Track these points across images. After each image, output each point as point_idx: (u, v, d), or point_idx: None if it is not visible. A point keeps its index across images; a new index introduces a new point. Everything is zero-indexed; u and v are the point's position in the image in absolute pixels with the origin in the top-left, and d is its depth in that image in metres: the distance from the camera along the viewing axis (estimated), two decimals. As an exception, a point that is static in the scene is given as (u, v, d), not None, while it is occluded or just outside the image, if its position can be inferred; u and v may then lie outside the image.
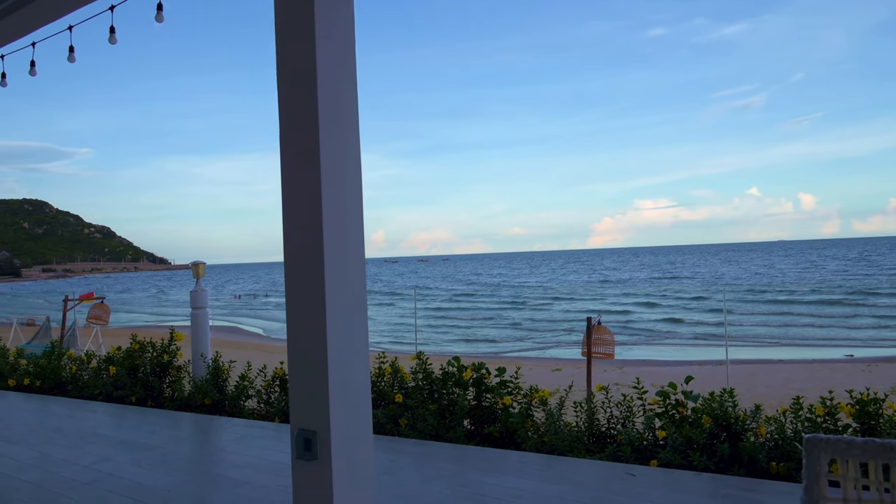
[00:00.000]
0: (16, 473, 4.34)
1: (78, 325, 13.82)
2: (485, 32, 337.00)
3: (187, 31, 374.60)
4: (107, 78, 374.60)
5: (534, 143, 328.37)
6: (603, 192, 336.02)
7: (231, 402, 6.18)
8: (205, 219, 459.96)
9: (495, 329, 29.61)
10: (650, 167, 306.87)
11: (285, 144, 3.09)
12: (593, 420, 4.62)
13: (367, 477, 3.16)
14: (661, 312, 32.52)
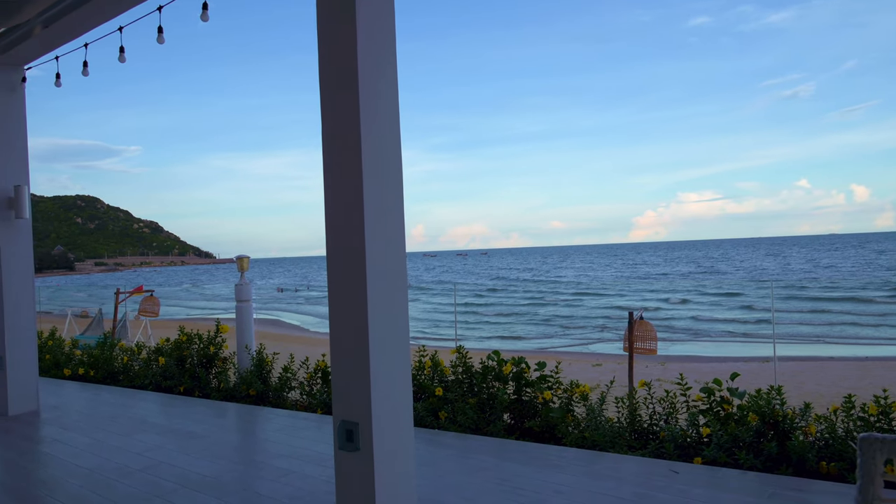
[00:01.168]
0: (72, 459, 4.53)
1: (128, 318, 14.29)
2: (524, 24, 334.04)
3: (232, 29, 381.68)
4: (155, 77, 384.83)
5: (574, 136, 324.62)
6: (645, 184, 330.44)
7: (275, 393, 6.31)
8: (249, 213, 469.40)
9: (534, 324, 29.47)
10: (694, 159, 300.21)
11: (328, 142, 3.14)
12: (635, 416, 4.57)
13: (408, 468, 3.20)
14: (704, 308, 31.87)
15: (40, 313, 9.00)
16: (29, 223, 6.16)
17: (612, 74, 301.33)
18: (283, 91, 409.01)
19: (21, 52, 5.72)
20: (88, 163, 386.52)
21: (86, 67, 5.14)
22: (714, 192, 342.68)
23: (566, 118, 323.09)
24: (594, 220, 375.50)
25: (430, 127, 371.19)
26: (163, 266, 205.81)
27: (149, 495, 3.74)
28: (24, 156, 6.11)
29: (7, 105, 6.01)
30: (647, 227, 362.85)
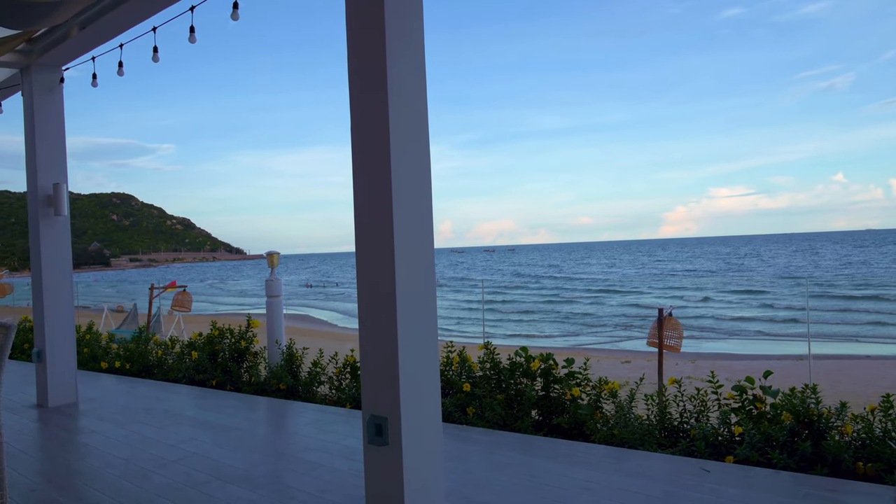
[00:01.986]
0: (109, 450, 4.65)
1: (162, 312, 14.59)
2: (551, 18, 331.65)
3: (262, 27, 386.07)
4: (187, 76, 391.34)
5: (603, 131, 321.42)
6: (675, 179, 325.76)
7: (304, 387, 6.39)
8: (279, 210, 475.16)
9: (560, 321, 29.30)
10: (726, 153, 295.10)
11: (357, 139, 3.16)
12: (665, 414, 4.52)
13: (436, 463, 3.22)
14: (734, 305, 31.35)
15: (77, 308, 9.24)
16: (67, 220, 6.33)
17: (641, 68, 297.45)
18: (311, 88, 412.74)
19: (59, 54, 5.87)
20: (123, 161, 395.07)
21: (121, 67, 5.26)
22: (746, 186, 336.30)
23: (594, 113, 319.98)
24: (623, 216, 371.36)
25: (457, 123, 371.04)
26: (195, 262, 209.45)
27: (183, 486, 3.82)
28: (62, 154, 6.27)
29: (46, 105, 6.17)
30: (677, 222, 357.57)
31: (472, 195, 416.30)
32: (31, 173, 6.17)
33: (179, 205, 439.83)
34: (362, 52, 3.10)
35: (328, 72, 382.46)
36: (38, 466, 4.38)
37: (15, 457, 4.54)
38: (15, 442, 4.93)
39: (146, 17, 5.00)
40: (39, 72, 6.12)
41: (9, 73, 6.61)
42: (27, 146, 6.20)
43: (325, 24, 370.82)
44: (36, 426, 5.49)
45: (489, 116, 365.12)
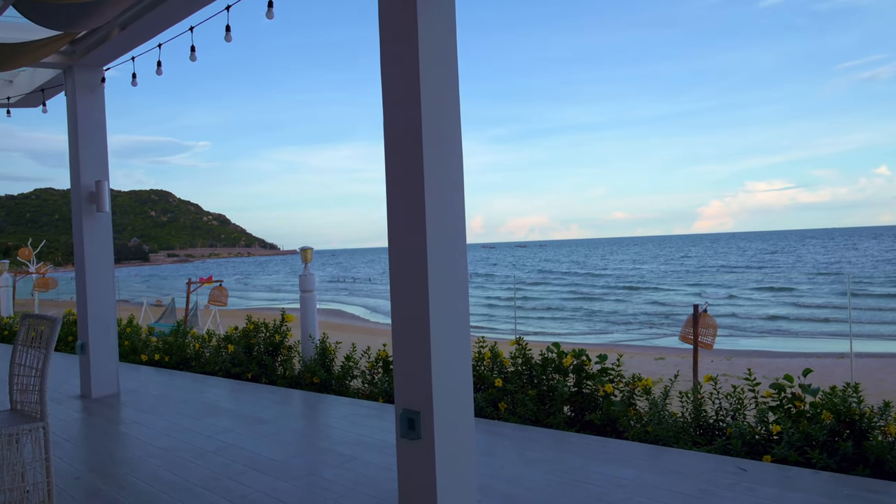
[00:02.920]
0: (149, 440, 4.77)
1: (199, 306, 14.88)
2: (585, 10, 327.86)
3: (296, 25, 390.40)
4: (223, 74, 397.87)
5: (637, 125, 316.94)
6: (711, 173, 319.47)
7: (337, 381, 6.46)
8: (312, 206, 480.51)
9: (591, 317, 29.05)
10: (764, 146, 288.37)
11: (389, 136, 3.18)
12: (700, 411, 4.46)
13: (468, 458, 3.23)
14: (773, 301, 30.66)
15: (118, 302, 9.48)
16: (109, 216, 6.50)
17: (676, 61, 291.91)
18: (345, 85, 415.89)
19: (100, 54, 6.02)
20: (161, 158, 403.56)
21: (159, 67, 5.37)
22: (785, 180, 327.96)
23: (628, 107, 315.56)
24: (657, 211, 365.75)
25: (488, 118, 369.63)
26: (229, 257, 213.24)
27: (220, 476, 3.91)
28: (103, 152, 6.45)
29: (88, 104, 6.34)
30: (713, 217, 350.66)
31: (503, 190, 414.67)
32: (74, 171, 6.35)
33: (215, 201, 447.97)
34: (395, 46, 3.11)
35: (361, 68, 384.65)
36: (82, 455, 4.52)
37: (60, 445, 4.70)
38: (60, 431, 5.09)
39: (184, 16, 5.10)
40: (82, 72, 6.29)
41: (53, 74, 6.81)
42: (70, 145, 6.39)
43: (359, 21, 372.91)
44: (80, 416, 5.66)
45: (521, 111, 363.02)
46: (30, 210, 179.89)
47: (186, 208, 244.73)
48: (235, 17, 4.59)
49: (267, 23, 6.31)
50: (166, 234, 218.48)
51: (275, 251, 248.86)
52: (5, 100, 7.43)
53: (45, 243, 25.86)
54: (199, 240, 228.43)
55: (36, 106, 7.56)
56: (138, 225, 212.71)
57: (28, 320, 3.67)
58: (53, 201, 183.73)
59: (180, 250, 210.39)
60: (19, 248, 22.07)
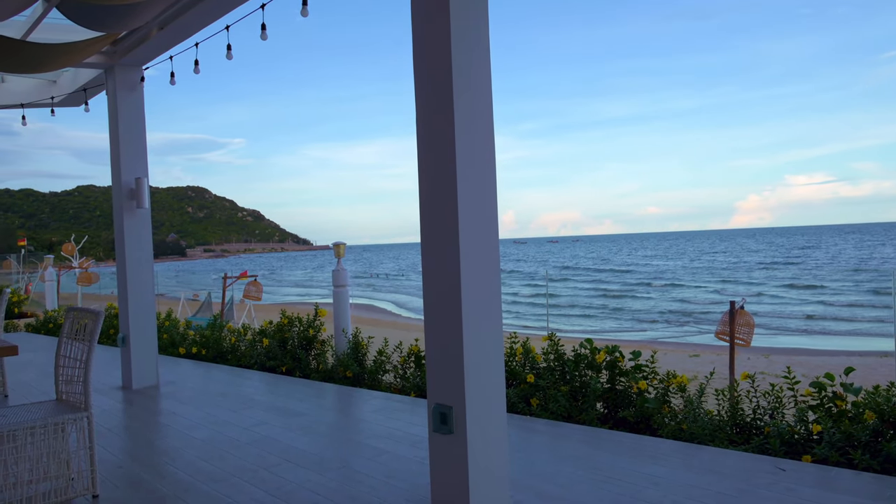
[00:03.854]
0: (188, 431, 4.88)
1: (234, 301, 15.15)
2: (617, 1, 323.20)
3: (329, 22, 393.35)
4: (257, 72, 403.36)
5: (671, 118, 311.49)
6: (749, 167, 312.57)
7: (370, 375, 6.52)
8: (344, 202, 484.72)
9: (623, 313, 28.72)
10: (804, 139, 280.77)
11: (422, 131, 3.19)
12: (737, 409, 4.38)
13: (500, 453, 3.23)
14: (813, 298, 29.92)
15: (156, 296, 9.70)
16: (148, 212, 6.66)
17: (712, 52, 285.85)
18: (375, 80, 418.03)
19: (140, 54, 6.16)
20: (197, 155, 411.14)
21: (197, 66, 5.47)
22: (826, 174, 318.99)
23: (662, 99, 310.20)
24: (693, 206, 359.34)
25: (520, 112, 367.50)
26: (264, 252, 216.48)
27: (256, 467, 3.99)
28: (143, 150, 6.60)
29: (129, 103, 6.50)
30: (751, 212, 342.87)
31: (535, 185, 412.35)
32: (115, 168, 6.52)
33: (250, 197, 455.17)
34: (427, 40, 3.12)
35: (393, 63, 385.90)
36: (124, 445, 4.65)
37: (103, 435, 4.84)
38: (103, 421, 5.25)
39: (220, 15, 5.19)
40: (122, 72, 6.45)
41: (95, 74, 6.99)
42: (111, 143, 6.55)
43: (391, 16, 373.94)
44: (121, 407, 5.83)
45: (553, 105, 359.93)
46: (72, 206, 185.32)
47: (222, 204, 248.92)
48: (270, 15, 4.65)
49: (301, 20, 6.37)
50: (203, 229, 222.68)
51: (308, 247, 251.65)
52: (49, 99, 7.66)
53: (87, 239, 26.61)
54: (235, 235, 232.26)
55: (78, 105, 7.78)
56: (176, 221, 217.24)
57: (73, 313, 3.79)
58: (95, 198, 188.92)
59: (216, 245, 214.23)
60: (63, 243, 22.75)
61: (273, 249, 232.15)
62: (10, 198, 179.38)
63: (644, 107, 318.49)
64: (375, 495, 3.48)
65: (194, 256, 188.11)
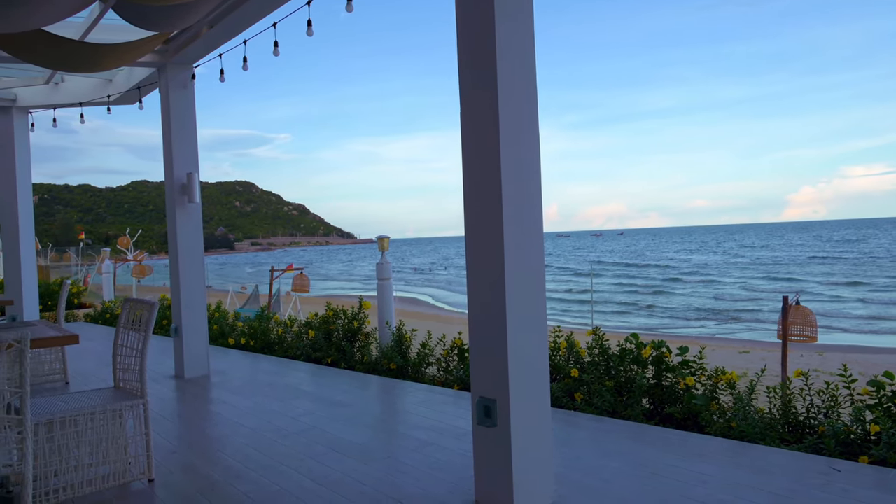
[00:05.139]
0: (238, 419, 5.02)
1: (281, 293, 15.46)
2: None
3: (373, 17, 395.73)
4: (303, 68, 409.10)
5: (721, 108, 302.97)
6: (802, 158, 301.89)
7: (413, 368, 6.57)
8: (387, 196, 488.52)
9: (673, 308, 28.16)
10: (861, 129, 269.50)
11: (466, 125, 3.19)
12: (789, 408, 4.25)
13: (544, 446, 3.22)
14: (871, 294, 28.77)
15: (208, 288, 9.95)
16: (199, 207, 6.84)
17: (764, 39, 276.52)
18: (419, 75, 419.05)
19: (190, 52, 6.32)
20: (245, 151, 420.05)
21: (245, 63, 5.58)
22: (886, 164, 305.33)
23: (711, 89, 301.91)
24: (743, 198, 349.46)
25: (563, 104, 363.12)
26: (309, 246, 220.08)
27: (303, 456, 4.07)
28: (194, 146, 6.78)
29: (180, 100, 6.68)
30: (804, 204, 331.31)
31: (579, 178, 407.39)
32: (167, 164, 6.72)
33: (295, 191, 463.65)
34: (471, 34, 3.11)
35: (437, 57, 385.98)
36: (178, 431, 4.81)
37: (158, 422, 5.01)
38: (158, 409, 5.44)
39: (267, 13, 5.28)
40: (174, 70, 6.63)
41: (148, 72, 7.21)
42: (164, 139, 6.75)
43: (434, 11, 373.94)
44: (174, 395, 6.02)
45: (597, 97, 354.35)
46: (127, 201, 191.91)
47: (268, 198, 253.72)
48: (315, 11, 4.71)
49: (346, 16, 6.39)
50: (250, 223, 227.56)
51: (352, 240, 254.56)
52: (106, 98, 7.94)
53: (140, 232, 27.48)
54: (280, 229, 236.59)
55: (133, 103, 8.03)
56: (224, 215, 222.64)
57: (129, 304, 3.93)
58: (148, 193, 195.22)
59: (263, 239, 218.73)
60: (119, 237, 23.56)
61: (318, 243, 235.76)
62: (70, 193, 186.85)
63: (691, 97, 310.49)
64: (419, 486, 3.51)
65: (242, 250, 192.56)
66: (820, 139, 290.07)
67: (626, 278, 42.31)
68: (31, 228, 8.97)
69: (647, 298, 31.45)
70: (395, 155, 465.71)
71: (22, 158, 8.78)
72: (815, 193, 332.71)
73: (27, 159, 8.88)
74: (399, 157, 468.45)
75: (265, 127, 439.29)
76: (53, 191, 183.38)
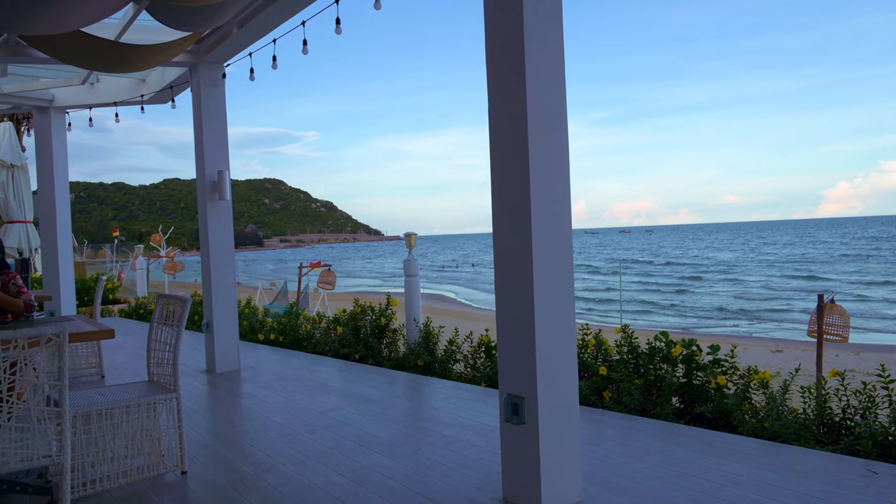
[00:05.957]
0: (267, 413, 5.09)
1: (309, 289, 15.60)
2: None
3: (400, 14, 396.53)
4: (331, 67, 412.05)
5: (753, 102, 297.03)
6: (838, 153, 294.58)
7: (440, 364, 6.59)
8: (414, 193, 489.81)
9: (700, 306, 27.74)
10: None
11: (494, 121, 3.18)
12: (824, 408, 4.16)
13: (572, 444, 3.20)
14: None
15: (238, 284, 10.08)
16: (230, 204, 6.94)
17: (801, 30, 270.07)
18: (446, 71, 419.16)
19: (221, 52, 6.41)
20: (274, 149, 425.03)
21: (275, 61, 5.64)
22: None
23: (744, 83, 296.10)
24: (775, 194, 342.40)
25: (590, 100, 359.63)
26: (336, 243, 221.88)
27: (332, 451, 4.11)
28: (224, 144, 6.88)
29: (211, 100, 6.78)
30: (840, 200, 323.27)
31: (607, 174, 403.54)
32: (199, 162, 6.82)
33: (323, 189, 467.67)
34: (499, 29, 3.10)
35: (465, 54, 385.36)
36: (209, 425, 4.90)
37: (190, 415, 5.11)
38: (190, 402, 5.54)
39: (296, 11, 5.33)
40: (205, 69, 6.73)
41: (180, 72, 7.33)
42: (195, 137, 6.86)
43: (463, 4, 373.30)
44: (206, 389, 6.13)
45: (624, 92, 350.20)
46: (160, 199, 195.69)
47: (297, 196, 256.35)
48: (343, 9, 4.74)
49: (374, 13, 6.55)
50: (279, 220, 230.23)
51: (379, 237, 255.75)
52: (139, 97, 8.09)
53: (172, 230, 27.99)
54: (309, 226, 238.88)
55: (165, 102, 8.18)
56: (253, 212, 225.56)
57: (162, 300, 4.01)
58: (179, 190, 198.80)
59: (291, 236, 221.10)
60: (151, 234, 24.02)
61: (345, 240, 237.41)
62: (104, 191, 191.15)
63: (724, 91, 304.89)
64: (447, 482, 3.52)
65: (271, 246, 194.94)
66: (858, 133, 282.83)
67: (652, 276, 41.81)
68: (69, 226, 9.20)
69: (672, 297, 31.04)
70: (423, 151, 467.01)
71: (59, 157, 9.00)
72: (851, 189, 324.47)
73: (64, 158, 9.10)
74: (427, 154, 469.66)
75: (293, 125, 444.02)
76: (89, 189, 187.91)
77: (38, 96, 8.56)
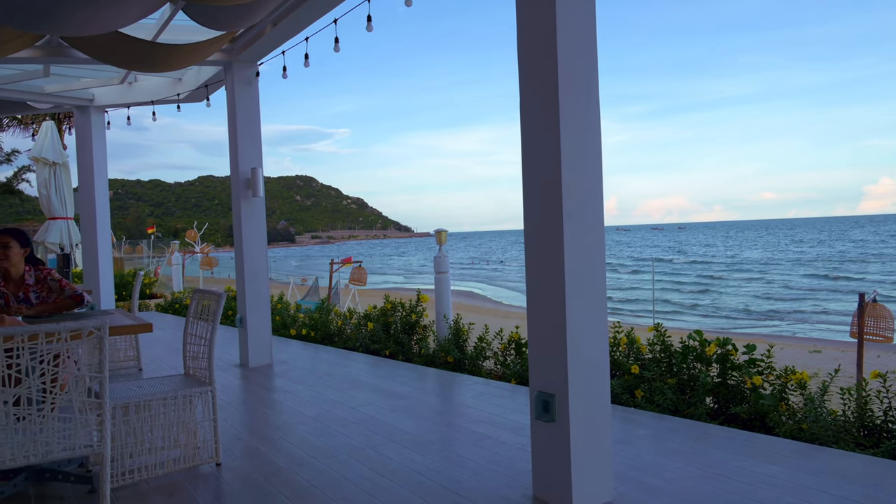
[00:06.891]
0: (299, 408, 5.15)
1: (340, 285, 15.73)
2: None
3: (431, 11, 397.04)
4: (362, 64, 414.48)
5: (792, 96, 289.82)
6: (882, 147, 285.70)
7: (470, 361, 6.59)
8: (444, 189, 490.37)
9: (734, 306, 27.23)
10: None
11: (526, 118, 3.16)
12: (865, 410, 4.05)
13: (604, 443, 3.18)
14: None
15: (270, 280, 10.22)
16: (262, 201, 7.04)
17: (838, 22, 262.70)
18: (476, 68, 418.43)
19: (255, 50, 6.50)
20: (305, 146, 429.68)
21: (307, 59, 5.69)
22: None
23: (782, 76, 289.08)
24: (814, 190, 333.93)
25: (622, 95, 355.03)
26: (367, 239, 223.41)
27: (363, 446, 4.15)
28: (258, 142, 6.97)
29: (245, 98, 6.88)
30: (882, 196, 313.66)
31: (638, 171, 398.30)
32: (233, 159, 6.93)
33: (354, 185, 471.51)
34: (532, 25, 3.08)
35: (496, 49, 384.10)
36: (243, 418, 4.98)
37: (224, 409, 5.20)
38: (224, 396, 5.64)
39: (328, 9, 5.37)
40: (239, 68, 6.83)
41: (215, 71, 7.45)
42: (230, 135, 6.97)
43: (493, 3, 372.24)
44: (239, 383, 6.23)
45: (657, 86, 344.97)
46: (194, 196, 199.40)
47: (328, 192, 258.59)
48: (375, 7, 4.75)
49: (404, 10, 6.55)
50: (310, 217, 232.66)
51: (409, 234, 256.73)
52: (175, 96, 8.25)
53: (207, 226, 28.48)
54: (339, 222, 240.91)
55: (200, 100, 8.32)
56: (285, 209, 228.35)
57: (197, 295, 4.08)
58: (214, 187, 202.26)
59: (322, 232, 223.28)
60: (187, 230, 24.50)
61: (376, 236, 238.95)
62: (141, 188, 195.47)
63: (762, 84, 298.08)
64: (477, 479, 3.52)
65: (302, 243, 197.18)
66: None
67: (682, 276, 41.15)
68: (108, 222, 9.43)
69: (702, 297, 30.51)
70: (453, 148, 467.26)
71: (99, 155, 9.23)
72: (894, 185, 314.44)
73: (104, 156, 9.33)
74: (456, 150, 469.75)
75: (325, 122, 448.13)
76: (126, 185, 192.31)
77: (79, 96, 8.79)
